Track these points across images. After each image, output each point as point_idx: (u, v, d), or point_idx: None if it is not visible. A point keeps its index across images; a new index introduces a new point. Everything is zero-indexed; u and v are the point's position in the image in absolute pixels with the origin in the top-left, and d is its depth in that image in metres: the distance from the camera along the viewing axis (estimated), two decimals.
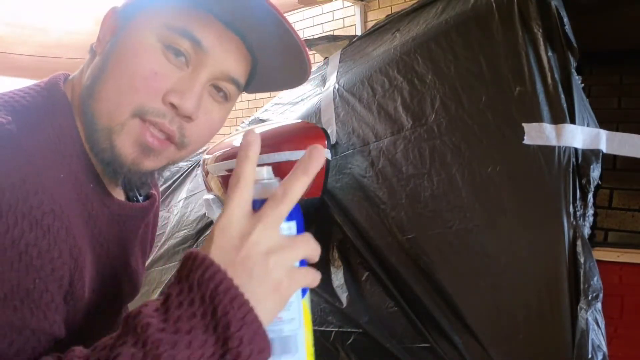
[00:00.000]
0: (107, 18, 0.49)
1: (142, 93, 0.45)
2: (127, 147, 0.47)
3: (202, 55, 0.47)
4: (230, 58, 0.49)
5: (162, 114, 0.46)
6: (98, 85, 0.47)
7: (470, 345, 0.85)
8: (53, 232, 0.39)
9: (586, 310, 0.76)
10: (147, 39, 0.46)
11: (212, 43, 0.46)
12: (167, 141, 0.48)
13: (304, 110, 1.40)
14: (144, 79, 0.45)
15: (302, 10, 3.50)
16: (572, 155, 0.84)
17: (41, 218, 0.39)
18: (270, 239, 0.34)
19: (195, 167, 1.86)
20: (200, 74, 0.47)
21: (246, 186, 0.36)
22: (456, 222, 0.92)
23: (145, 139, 0.46)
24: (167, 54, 0.46)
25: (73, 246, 0.42)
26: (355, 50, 1.43)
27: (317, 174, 0.36)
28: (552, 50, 0.90)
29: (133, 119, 0.46)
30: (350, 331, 0.97)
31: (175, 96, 0.46)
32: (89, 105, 0.47)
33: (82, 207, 0.47)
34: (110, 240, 0.52)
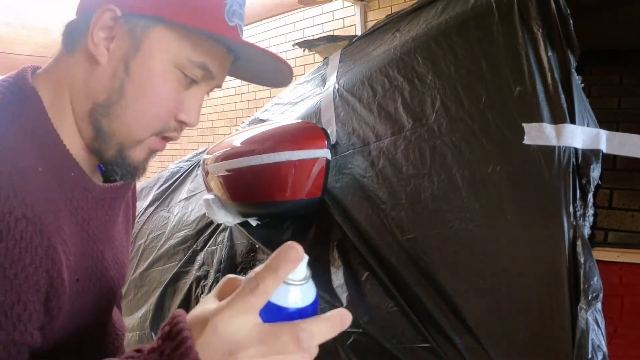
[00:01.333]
0: (104, 19, 0.48)
1: (163, 119, 0.52)
2: (140, 156, 0.54)
3: (209, 79, 0.54)
4: (225, 74, 0.57)
5: (175, 129, 0.54)
6: (116, 108, 0.50)
7: (470, 345, 0.85)
8: (25, 239, 0.40)
9: (586, 310, 0.76)
10: (166, 67, 0.50)
11: (218, 70, 0.54)
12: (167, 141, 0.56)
13: (304, 110, 1.40)
14: (164, 108, 0.51)
15: (302, 10, 3.50)
16: (572, 155, 0.84)
17: (14, 225, 0.39)
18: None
19: (195, 167, 1.86)
20: (204, 91, 0.55)
21: (260, 298, 0.33)
22: (456, 222, 0.92)
23: (158, 147, 0.54)
24: (181, 79, 0.51)
25: (48, 247, 0.42)
26: (355, 50, 1.43)
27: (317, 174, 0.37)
28: (552, 50, 0.90)
29: (150, 137, 0.53)
30: (350, 331, 0.97)
31: (185, 115, 0.53)
32: (104, 124, 0.51)
33: (64, 197, 0.48)
34: (95, 224, 0.54)
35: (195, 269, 1.42)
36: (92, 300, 0.53)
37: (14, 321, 0.39)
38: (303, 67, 3.51)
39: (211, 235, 1.47)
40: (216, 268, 1.33)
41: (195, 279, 1.38)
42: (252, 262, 1.26)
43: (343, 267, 1.06)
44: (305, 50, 2.75)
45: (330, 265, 1.09)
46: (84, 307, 0.50)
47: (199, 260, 1.43)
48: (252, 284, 0.33)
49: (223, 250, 1.37)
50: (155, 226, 1.76)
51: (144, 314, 1.50)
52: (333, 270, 1.08)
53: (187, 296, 1.38)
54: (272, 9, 3.37)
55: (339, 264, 1.07)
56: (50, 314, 0.44)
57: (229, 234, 1.38)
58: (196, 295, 1.35)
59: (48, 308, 0.44)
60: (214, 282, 1.31)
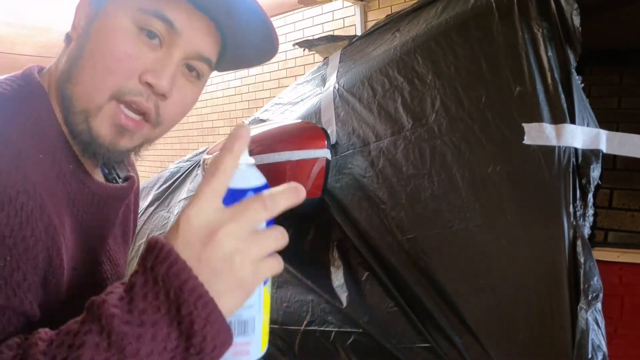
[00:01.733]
0: (82, 4, 0.51)
1: (118, 75, 0.48)
2: (103, 129, 0.49)
3: (175, 36, 0.49)
4: (202, 37, 0.51)
5: (139, 93, 0.49)
6: (75, 69, 0.49)
7: (470, 345, 0.85)
8: (26, 211, 0.40)
9: (586, 310, 0.76)
10: (120, 22, 0.48)
11: (183, 24, 0.49)
12: (142, 121, 0.51)
13: (304, 110, 1.40)
14: (119, 61, 0.47)
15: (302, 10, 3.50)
16: (572, 155, 0.84)
17: (15, 197, 0.39)
18: (237, 237, 0.34)
19: (195, 167, 1.86)
20: (174, 53, 0.49)
21: (223, 178, 0.35)
22: (456, 222, 0.92)
23: (120, 120, 0.49)
24: (140, 36, 0.48)
25: (48, 224, 0.42)
26: (355, 50, 1.43)
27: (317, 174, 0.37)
28: (552, 50, 0.90)
29: (110, 102, 0.48)
30: (350, 331, 0.97)
31: (151, 75, 0.48)
32: (67, 88, 0.49)
33: (61, 187, 0.48)
34: (90, 219, 0.53)
35: None
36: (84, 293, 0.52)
37: (13, 287, 0.39)
38: (303, 67, 3.51)
39: None
40: None
41: None
42: None
43: (343, 267, 1.06)
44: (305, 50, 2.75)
45: (330, 265, 1.09)
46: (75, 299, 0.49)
47: None
48: (212, 168, 0.35)
49: None
50: (155, 226, 1.76)
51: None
52: (333, 270, 1.08)
53: None
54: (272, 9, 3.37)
55: (339, 264, 1.07)
56: (47, 296, 0.44)
57: None
58: None
59: (45, 289, 0.44)
60: None
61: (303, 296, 1.07)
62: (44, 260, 0.42)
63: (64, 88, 0.49)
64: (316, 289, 1.05)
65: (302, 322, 1.04)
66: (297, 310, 1.07)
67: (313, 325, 1.02)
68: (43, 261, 0.42)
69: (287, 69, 3.67)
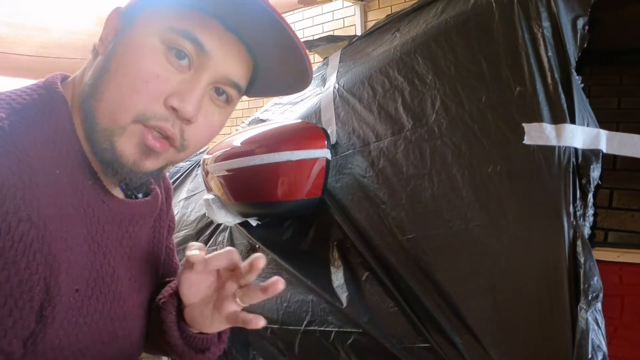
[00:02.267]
0: (111, 18, 0.50)
1: (144, 96, 0.46)
2: (128, 150, 0.47)
3: (204, 59, 0.47)
4: (232, 61, 0.49)
5: (165, 118, 0.47)
6: (100, 85, 0.47)
7: (470, 345, 0.85)
8: (25, 242, 0.39)
9: (586, 310, 0.76)
10: (149, 40, 0.46)
11: (214, 46, 0.47)
12: (167, 143, 0.48)
13: (304, 110, 1.40)
14: (146, 82, 0.45)
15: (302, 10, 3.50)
16: (572, 155, 0.84)
17: (16, 226, 0.38)
18: None
19: (195, 167, 1.86)
20: (202, 77, 0.47)
21: None
22: (456, 222, 0.92)
23: (148, 141, 0.47)
24: (169, 56, 0.46)
25: (48, 254, 0.41)
26: (355, 50, 1.43)
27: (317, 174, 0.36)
28: (552, 50, 0.90)
29: (135, 124, 0.46)
30: (350, 331, 0.97)
31: (176, 99, 0.46)
32: (90, 104, 0.47)
33: (77, 203, 0.47)
34: (110, 238, 0.52)
35: None
36: (93, 315, 0.50)
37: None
38: None
39: (211, 235, 1.47)
40: None
41: None
42: None
43: (343, 267, 1.06)
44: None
45: (330, 265, 1.09)
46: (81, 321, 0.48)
47: None
48: None
49: None
50: None
51: None
52: (333, 270, 1.08)
53: None
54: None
55: (339, 264, 1.07)
56: (43, 321, 0.43)
57: (229, 234, 1.38)
58: None
59: (42, 315, 0.42)
60: None
61: (303, 296, 1.07)
62: (40, 291, 0.41)
63: (88, 104, 0.48)
64: (316, 289, 1.05)
65: (302, 322, 1.04)
66: (297, 310, 1.07)
67: (313, 325, 1.02)
68: (40, 291, 0.41)
69: None
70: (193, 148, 0.51)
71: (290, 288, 1.10)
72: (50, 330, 0.44)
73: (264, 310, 1.10)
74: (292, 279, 1.11)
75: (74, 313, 0.47)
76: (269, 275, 1.24)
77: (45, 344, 0.44)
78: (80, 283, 0.48)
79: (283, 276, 1.12)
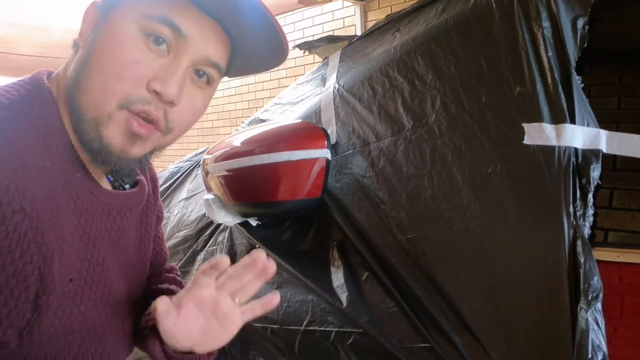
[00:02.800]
0: (88, 12, 0.51)
1: (126, 81, 0.47)
2: (115, 137, 0.48)
3: (182, 42, 0.48)
4: (210, 42, 0.50)
5: (148, 101, 0.48)
6: (83, 77, 0.48)
7: (470, 345, 0.85)
8: (19, 232, 0.40)
9: (586, 310, 0.76)
10: (127, 28, 0.47)
11: (191, 29, 0.48)
12: (153, 127, 0.50)
13: (304, 110, 1.40)
14: (126, 68, 0.46)
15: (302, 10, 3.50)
16: (572, 155, 0.84)
17: (10, 216, 0.39)
18: None
19: (195, 168, 1.86)
20: (182, 60, 0.48)
21: None
22: (456, 222, 0.92)
23: (132, 127, 0.48)
24: (147, 42, 0.47)
25: (42, 243, 0.42)
26: (355, 50, 1.43)
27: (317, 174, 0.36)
28: (552, 50, 0.90)
29: (120, 110, 0.47)
30: (350, 331, 0.97)
31: (158, 83, 0.47)
32: (75, 97, 0.48)
33: (67, 195, 0.48)
34: (99, 229, 0.53)
35: (195, 269, 1.42)
36: (86, 304, 0.51)
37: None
38: (303, 67, 3.50)
39: (211, 235, 1.47)
40: None
41: None
42: None
43: (343, 267, 1.06)
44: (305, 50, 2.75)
45: (330, 265, 1.09)
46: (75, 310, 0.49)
47: (199, 261, 1.43)
48: None
49: (223, 250, 1.37)
50: None
51: None
52: (333, 270, 1.08)
53: None
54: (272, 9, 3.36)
55: (339, 264, 1.07)
56: (38, 310, 0.44)
57: (229, 234, 1.38)
58: None
59: (37, 304, 0.43)
60: None
61: (303, 296, 1.07)
62: (35, 280, 0.42)
63: (73, 96, 0.49)
64: (316, 289, 1.05)
65: (302, 322, 1.04)
66: (297, 310, 1.07)
67: (313, 325, 1.02)
68: (35, 281, 0.42)
69: (287, 69, 3.66)
70: (178, 131, 0.53)
71: (290, 288, 1.10)
72: (45, 320, 0.44)
73: None
74: (292, 279, 1.11)
75: (68, 302, 0.48)
76: None
77: (40, 333, 0.45)
78: (74, 272, 0.49)
79: (283, 276, 1.13)
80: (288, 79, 3.64)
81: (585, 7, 0.91)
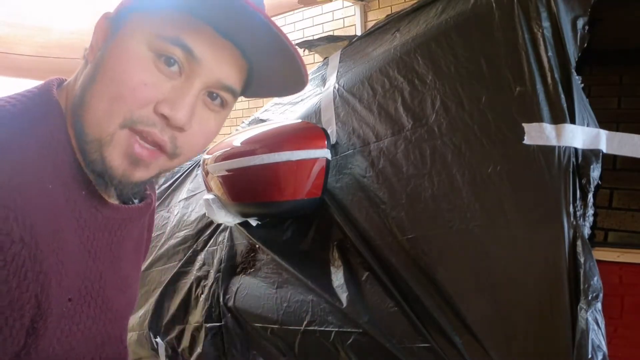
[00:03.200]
0: (100, 25, 0.49)
1: (131, 102, 0.44)
2: (116, 160, 0.46)
3: (195, 65, 0.46)
4: (224, 66, 0.48)
5: (153, 124, 0.45)
6: (87, 95, 0.46)
7: (470, 345, 0.85)
8: (17, 262, 0.38)
9: (586, 310, 0.76)
10: (136, 47, 0.45)
11: (204, 51, 0.45)
12: (157, 151, 0.47)
13: (304, 110, 1.40)
14: (132, 89, 0.44)
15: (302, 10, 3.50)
16: (572, 155, 0.84)
17: (8, 247, 0.38)
18: None
19: (195, 167, 1.86)
20: (193, 83, 0.46)
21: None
22: (456, 222, 0.92)
23: (134, 150, 0.45)
24: (158, 62, 0.45)
25: (39, 272, 0.40)
26: (355, 50, 1.43)
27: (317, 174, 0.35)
28: (552, 50, 0.90)
29: (122, 129, 0.45)
30: (350, 331, 0.97)
31: (166, 107, 0.45)
32: (79, 115, 0.46)
33: (70, 215, 0.46)
34: (100, 244, 0.51)
35: (195, 269, 1.42)
36: (85, 321, 0.50)
37: None
38: None
39: (211, 235, 1.47)
40: (216, 268, 1.33)
41: (196, 279, 1.38)
42: (252, 262, 1.26)
43: (343, 267, 1.06)
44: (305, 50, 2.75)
45: (330, 265, 1.09)
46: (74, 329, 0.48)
47: (199, 261, 1.43)
48: None
49: (223, 251, 1.37)
50: (155, 226, 1.76)
51: (143, 314, 1.50)
52: (333, 270, 1.08)
53: (187, 296, 1.38)
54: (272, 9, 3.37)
55: (339, 264, 1.07)
56: (35, 334, 0.42)
57: (229, 234, 1.38)
58: (196, 296, 1.35)
59: (34, 328, 0.42)
60: (214, 283, 1.31)
61: (303, 296, 1.07)
62: (31, 308, 0.41)
63: (76, 114, 0.47)
64: (316, 289, 1.05)
65: (302, 322, 1.04)
66: (297, 310, 1.07)
67: (313, 325, 1.02)
68: (30, 309, 0.41)
69: None
70: (187, 155, 0.50)
71: (290, 288, 1.10)
72: (42, 342, 0.43)
73: (264, 310, 1.11)
74: (292, 279, 1.11)
75: (67, 321, 0.47)
76: (269, 275, 1.24)
77: (38, 354, 0.43)
78: (73, 292, 0.47)
79: (283, 276, 1.13)
80: None
81: (585, 7, 0.91)
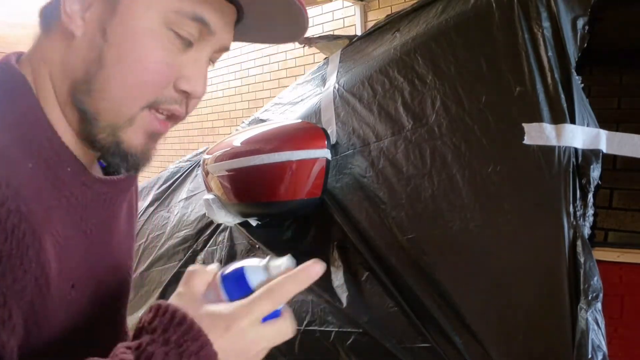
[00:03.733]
0: None
1: (154, 86, 0.44)
2: (137, 139, 0.46)
3: (208, 35, 0.46)
4: (229, 32, 0.48)
5: (175, 101, 0.46)
6: (97, 82, 0.43)
7: (470, 345, 0.85)
8: (17, 236, 0.35)
9: (586, 310, 0.76)
10: (150, 24, 0.42)
11: (217, 22, 0.45)
12: (172, 122, 0.48)
13: (304, 110, 1.40)
14: (155, 73, 0.43)
15: None
16: (572, 155, 0.84)
17: (6, 218, 0.34)
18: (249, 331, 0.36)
19: (195, 168, 1.86)
20: (204, 52, 0.46)
21: (273, 304, 0.37)
22: (456, 222, 0.92)
23: (156, 127, 0.46)
24: (170, 37, 0.43)
25: (39, 250, 0.37)
26: (355, 50, 1.43)
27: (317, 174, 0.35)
28: (552, 50, 0.90)
29: (143, 111, 0.45)
30: (350, 331, 0.97)
31: (185, 82, 0.45)
32: (86, 102, 0.44)
33: (58, 195, 0.43)
34: (94, 223, 0.49)
35: None
36: (87, 307, 0.48)
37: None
38: (303, 67, 3.50)
39: (211, 235, 1.47)
40: None
41: None
42: None
43: (343, 267, 1.06)
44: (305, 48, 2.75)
45: (330, 265, 1.09)
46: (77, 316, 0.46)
47: (199, 261, 1.43)
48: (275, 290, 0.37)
49: (223, 251, 1.37)
50: (155, 226, 1.76)
51: (143, 314, 1.50)
52: (333, 270, 1.08)
53: None
54: None
55: (339, 264, 1.07)
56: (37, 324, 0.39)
57: (229, 234, 1.38)
58: None
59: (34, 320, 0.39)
60: None
61: (303, 296, 1.07)
62: (31, 292, 0.37)
63: (82, 100, 0.44)
64: (316, 289, 1.05)
65: (302, 322, 1.04)
66: (297, 310, 1.07)
67: (313, 325, 1.02)
68: (30, 293, 0.37)
69: (287, 69, 3.67)
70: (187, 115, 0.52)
71: None
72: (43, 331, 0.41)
73: None
74: None
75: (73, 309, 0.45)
76: None
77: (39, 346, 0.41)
78: (75, 278, 0.45)
79: None
80: (288, 79, 3.64)
81: (585, 7, 0.91)
